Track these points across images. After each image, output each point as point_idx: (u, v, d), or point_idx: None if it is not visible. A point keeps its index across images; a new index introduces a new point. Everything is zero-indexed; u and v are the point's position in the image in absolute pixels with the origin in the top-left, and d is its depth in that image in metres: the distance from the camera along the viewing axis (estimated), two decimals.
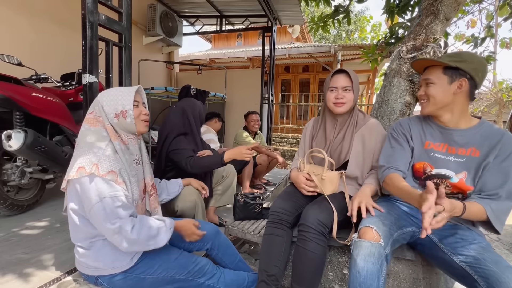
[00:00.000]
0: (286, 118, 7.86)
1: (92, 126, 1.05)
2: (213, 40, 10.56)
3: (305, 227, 1.08)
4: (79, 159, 0.97)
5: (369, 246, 0.92)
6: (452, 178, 1.06)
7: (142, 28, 4.65)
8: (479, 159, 1.03)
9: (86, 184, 0.95)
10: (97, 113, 1.07)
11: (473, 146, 1.04)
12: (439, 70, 1.05)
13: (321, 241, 1.07)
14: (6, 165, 1.86)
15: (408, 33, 1.83)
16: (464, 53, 1.06)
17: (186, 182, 1.53)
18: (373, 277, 0.88)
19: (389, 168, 1.13)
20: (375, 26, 11.47)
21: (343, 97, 1.25)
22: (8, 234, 1.62)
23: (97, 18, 1.43)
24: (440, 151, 1.10)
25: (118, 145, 1.05)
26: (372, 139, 1.25)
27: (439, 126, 1.12)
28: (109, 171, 0.97)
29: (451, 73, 1.03)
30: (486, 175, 1.00)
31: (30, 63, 2.21)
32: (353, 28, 16.31)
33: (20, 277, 1.16)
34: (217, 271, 1.18)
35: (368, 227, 0.97)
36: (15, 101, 1.74)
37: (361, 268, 0.90)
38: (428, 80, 1.08)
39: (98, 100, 1.09)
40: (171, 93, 4.17)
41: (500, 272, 0.82)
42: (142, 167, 1.16)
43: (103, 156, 0.99)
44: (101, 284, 1.08)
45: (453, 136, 1.08)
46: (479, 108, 9.75)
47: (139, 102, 1.13)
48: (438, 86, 1.05)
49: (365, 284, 0.88)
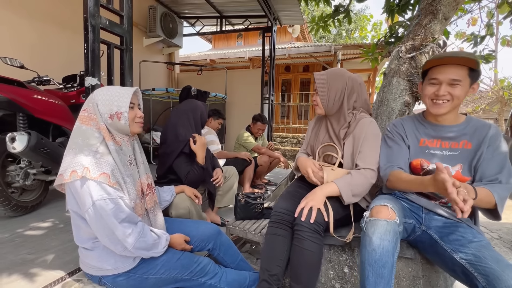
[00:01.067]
0: (286, 118, 7.86)
1: (83, 124, 1.03)
2: (213, 41, 10.58)
3: (299, 226, 1.09)
4: (71, 162, 0.97)
5: (385, 224, 0.94)
6: None
7: (142, 30, 4.68)
8: (471, 150, 1.08)
9: (78, 188, 0.95)
10: (91, 110, 1.05)
11: (465, 139, 1.09)
12: (466, 71, 1.04)
13: (316, 239, 1.08)
14: (10, 167, 1.88)
15: (407, 33, 1.83)
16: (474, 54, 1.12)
17: (179, 190, 1.52)
18: (388, 254, 0.92)
19: (391, 166, 1.15)
20: (376, 24, 11.45)
21: (315, 99, 1.32)
22: (12, 235, 1.64)
23: (99, 21, 1.45)
24: (435, 147, 1.14)
25: (113, 145, 1.04)
26: (360, 139, 1.23)
27: (431, 124, 1.16)
28: (100, 173, 0.96)
29: (473, 75, 1.05)
30: (483, 165, 1.05)
31: (32, 65, 2.23)
32: (353, 27, 16.28)
33: (25, 277, 1.18)
34: (219, 270, 1.19)
35: (383, 205, 0.99)
36: (18, 103, 1.77)
37: (377, 246, 0.92)
38: (457, 80, 1.05)
39: (93, 98, 1.06)
40: (172, 94, 4.20)
41: (500, 270, 0.83)
42: (136, 167, 1.15)
43: (93, 159, 0.98)
44: (104, 284, 1.09)
45: (445, 132, 1.12)
46: (481, 106, 9.72)
47: (134, 104, 1.11)
48: (463, 88, 1.06)
49: (381, 261, 0.91)
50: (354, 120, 1.28)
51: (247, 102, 5.22)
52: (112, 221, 0.95)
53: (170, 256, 1.11)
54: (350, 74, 1.31)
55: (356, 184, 1.16)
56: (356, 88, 1.29)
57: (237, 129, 4.70)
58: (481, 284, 0.85)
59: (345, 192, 1.14)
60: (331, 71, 1.32)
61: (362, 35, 12.96)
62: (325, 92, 1.27)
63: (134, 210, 1.08)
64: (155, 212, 1.21)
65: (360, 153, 1.21)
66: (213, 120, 2.95)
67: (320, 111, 1.32)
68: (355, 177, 1.17)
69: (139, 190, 1.13)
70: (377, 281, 0.92)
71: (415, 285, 1.16)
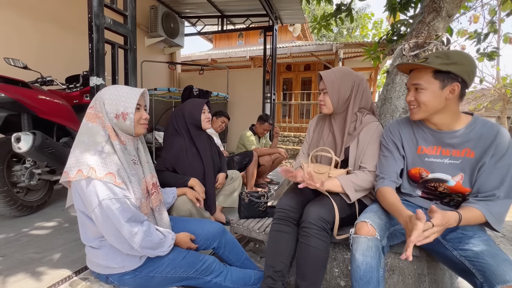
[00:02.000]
0: (288, 117, 7.86)
1: (90, 122, 1.03)
2: (214, 40, 10.58)
3: (306, 223, 1.10)
4: (77, 160, 0.97)
5: (365, 241, 0.96)
6: (448, 181, 1.04)
7: (144, 30, 4.68)
8: (474, 159, 0.99)
9: (84, 188, 0.95)
10: (97, 108, 1.06)
11: (467, 146, 1.00)
12: (429, 74, 0.98)
13: (323, 237, 1.09)
14: (16, 167, 1.89)
15: (410, 31, 1.83)
16: (453, 53, 0.97)
17: (181, 192, 1.52)
18: (372, 270, 0.93)
19: (382, 179, 1.13)
20: (376, 23, 11.40)
21: (322, 99, 1.30)
22: (18, 234, 1.65)
23: (103, 21, 1.45)
24: (434, 155, 1.07)
25: (118, 144, 1.04)
26: (365, 143, 1.24)
27: (430, 130, 1.08)
28: (106, 173, 0.97)
29: (442, 78, 0.96)
30: (482, 176, 0.97)
31: (35, 66, 2.24)
32: (354, 26, 16.24)
33: (32, 276, 1.19)
34: (224, 269, 1.20)
35: (364, 221, 1.00)
36: (23, 104, 1.78)
37: (360, 262, 0.94)
38: (418, 85, 1.00)
39: (101, 96, 1.07)
40: (174, 94, 4.20)
41: (496, 265, 0.82)
42: (140, 167, 1.16)
43: (99, 158, 0.98)
44: (111, 282, 1.10)
45: (446, 138, 1.04)
46: (483, 104, 9.67)
47: (141, 105, 1.12)
48: (429, 92, 0.98)
49: (366, 277, 0.93)
50: (360, 123, 1.28)
51: (249, 102, 5.22)
52: (119, 221, 0.95)
53: (175, 255, 1.12)
54: (356, 72, 1.32)
55: (359, 181, 1.19)
56: (362, 87, 1.30)
57: (239, 128, 4.70)
58: (479, 280, 0.85)
59: (348, 188, 1.17)
60: (339, 69, 1.31)
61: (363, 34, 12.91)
62: (335, 91, 1.26)
63: (140, 209, 1.08)
64: (160, 211, 1.21)
65: (365, 156, 1.23)
66: (216, 118, 2.94)
67: (327, 111, 1.31)
68: (359, 176, 1.20)
69: (144, 189, 1.14)
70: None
71: (421, 283, 1.16)
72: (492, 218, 0.93)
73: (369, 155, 1.23)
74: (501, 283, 0.79)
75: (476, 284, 0.87)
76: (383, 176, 1.13)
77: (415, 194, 1.15)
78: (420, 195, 1.14)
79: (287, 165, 5.94)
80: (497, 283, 0.79)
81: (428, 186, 1.10)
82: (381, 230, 0.99)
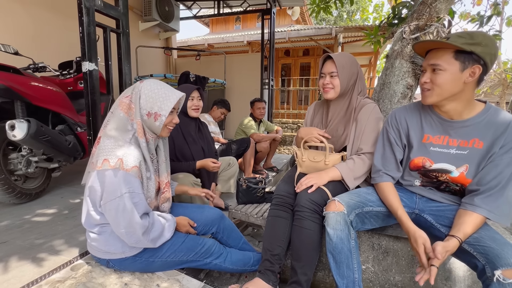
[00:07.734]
0: (286, 103, 7.78)
1: (122, 111, 1.04)
2: (211, 25, 10.28)
3: (299, 207, 1.15)
4: (104, 149, 0.98)
5: (334, 215, 1.03)
6: (452, 172, 1.01)
7: (138, 13, 4.53)
8: (482, 150, 0.95)
9: (108, 177, 0.95)
10: (132, 98, 1.05)
11: (476, 136, 0.95)
12: (450, 54, 0.91)
13: (315, 219, 1.12)
14: (12, 154, 1.88)
15: (411, 13, 1.78)
16: (477, 33, 0.89)
17: (181, 191, 1.41)
18: (342, 241, 1.01)
19: (381, 174, 1.12)
20: (377, 6, 11.08)
21: (329, 82, 1.28)
22: (19, 220, 1.67)
23: (93, 3, 1.40)
24: (440, 144, 1.03)
25: (144, 142, 1.05)
26: (363, 123, 1.26)
27: (439, 117, 1.03)
28: (133, 166, 0.98)
29: (463, 58, 0.89)
30: (487, 168, 0.94)
31: (27, 52, 2.18)
32: (354, 9, 15.79)
33: (34, 261, 1.21)
34: (224, 250, 1.23)
35: (332, 200, 1.08)
36: (15, 91, 1.74)
37: (331, 235, 1.02)
38: (437, 66, 0.93)
39: (140, 88, 1.06)
40: (170, 80, 4.13)
41: (499, 248, 0.83)
42: (157, 165, 1.17)
43: (128, 150, 0.99)
44: (112, 266, 1.13)
45: (455, 127, 0.99)
46: (482, 89, 9.61)
47: (175, 109, 1.13)
48: (447, 74, 0.92)
49: (337, 248, 1.01)
50: (358, 105, 1.30)
51: (247, 88, 5.16)
52: (134, 214, 0.97)
53: (175, 240, 1.14)
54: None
55: (357, 169, 1.22)
56: (361, 73, 1.34)
57: (237, 114, 4.67)
58: (481, 263, 0.86)
59: (348, 178, 1.20)
60: (345, 55, 1.32)
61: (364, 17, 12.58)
62: (345, 75, 1.26)
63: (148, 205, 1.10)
64: (164, 207, 1.23)
65: (363, 136, 1.25)
66: (217, 108, 2.95)
67: (333, 95, 1.29)
68: (356, 162, 1.23)
69: (156, 187, 1.15)
70: (338, 266, 1.02)
71: (414, 264, 1.19)
72: (495, 216, 0.90)
73: (367, 135, 1.25)
74: (505, 265, 0.80)
75: (476, 266, 0.88)
76: (382, 170, 1.13)
77: (414, 183, 1.13)
78: (419, 185, 1.13)
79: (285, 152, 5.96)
80: (500, 266, 0.80)
81: (430, 175, 1.08)
82: (349, 207, 1.05)
